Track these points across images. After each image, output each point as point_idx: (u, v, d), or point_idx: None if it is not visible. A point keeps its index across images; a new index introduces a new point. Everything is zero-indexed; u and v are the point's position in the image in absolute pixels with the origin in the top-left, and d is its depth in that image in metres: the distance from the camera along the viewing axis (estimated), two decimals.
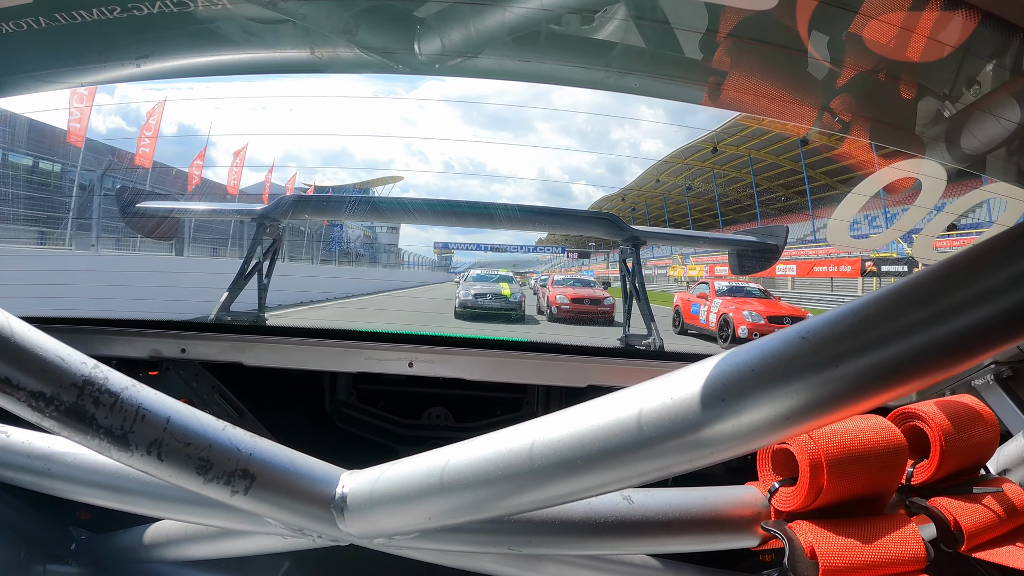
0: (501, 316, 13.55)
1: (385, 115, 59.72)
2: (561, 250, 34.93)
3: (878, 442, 0.96)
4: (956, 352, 0.63)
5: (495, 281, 14.30)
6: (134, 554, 1.36)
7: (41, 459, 1.08)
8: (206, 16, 1.10)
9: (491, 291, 13.72)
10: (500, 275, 14.84)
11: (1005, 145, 1.11)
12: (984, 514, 1.02)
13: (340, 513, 0.91)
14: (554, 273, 16.45)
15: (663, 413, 0.72)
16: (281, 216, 3.24)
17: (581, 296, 14.07)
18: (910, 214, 1.93)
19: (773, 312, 11.80)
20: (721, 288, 13.17)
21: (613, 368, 1.94)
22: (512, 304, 13.66)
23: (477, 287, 13.89)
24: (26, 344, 0.74)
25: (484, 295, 13.60)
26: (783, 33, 1.07)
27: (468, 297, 13.54)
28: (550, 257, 36.12)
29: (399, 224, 22.12)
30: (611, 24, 1.10)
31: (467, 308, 13.38)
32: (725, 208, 34.50)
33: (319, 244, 21.42)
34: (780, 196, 32.21)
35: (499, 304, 13.53)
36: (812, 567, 0.89)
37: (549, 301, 14.29)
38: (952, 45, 0.99)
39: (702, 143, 31.59)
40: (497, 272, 15.25)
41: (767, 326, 11.29)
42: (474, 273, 15.39)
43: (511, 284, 14.20)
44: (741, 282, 13.74)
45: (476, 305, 13.41)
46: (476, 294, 13.59)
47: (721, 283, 13.54)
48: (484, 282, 14.29)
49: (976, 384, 1.46)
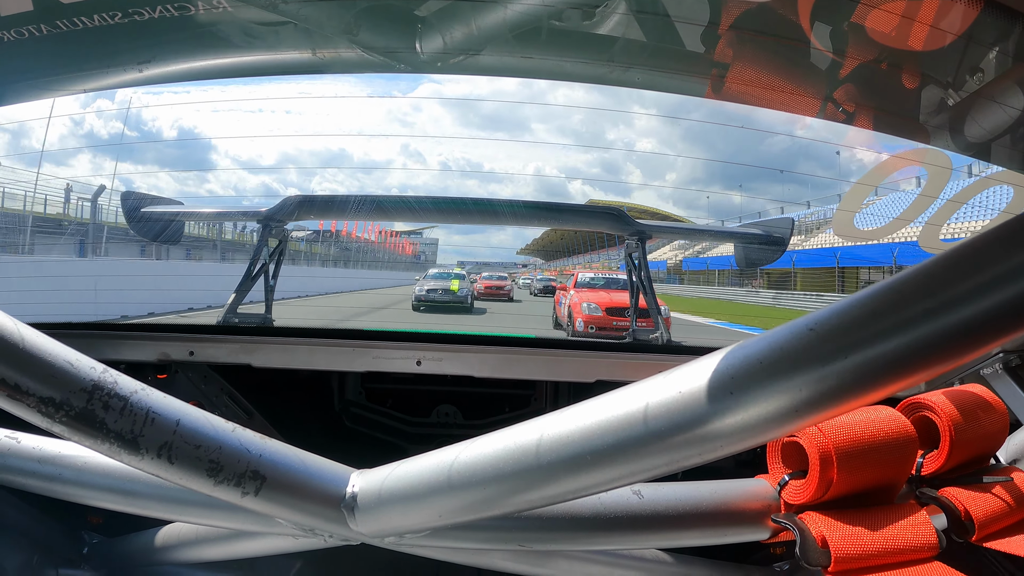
0: (450, 308, 15.38)
1: (385, 117, 59.82)
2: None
3: (888, 433, 0.96)
4: (964, 341, 0.63)
5: (446, 278, 16.07)
6: (146, 557, 1.36)
7: (52, 464, 1.08)
8: (208, 20, 1.10)
9: (441, 287, 15.55)
10: (453, 273, 16.66)
11: (1010, 132, 1.10)
12: (995, 503, 1.02)
13: (351, 512, 0.92)
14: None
15: (671, 407, 0.72)
16: (286, 217, 3.24)
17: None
18: (916, 203, 1.92)
19: (612, 304, 10.89)
20: (582, 280, 12.88)
21: (621, 363, 1.94)
22: (459, 297, 15.46)
23: (430, 284, 15.72)
24: (35, 350, 0.75)
25: (436, 290, 15.44)
26: (785, 24, 1.07)
27: (422, 292, 15.43)
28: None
29: (412, 228, 23.09)
30: (612, 19, 1.10)
31: (420, 301, 15.23)
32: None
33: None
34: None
35: (448, 298, 15.36)
36: (824, 556, 0.88)
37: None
38: (955, 33, 0.99)
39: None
40: (452, 271, 17.13)
41: (604, 318, 10.70)
42: (432, 272, 17.04)
43: (461, 281, 15.95)
44: (615, 275, 13.59)
45: (428, 299, 15.24)
46: (428, 289, 15.45)
47: (585, 275, 13.32)
48: (437, 279, 16.06)
49: (985, 373, 1.45)
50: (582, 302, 11.31)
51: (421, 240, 26.58)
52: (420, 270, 20.98)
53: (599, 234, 36.49)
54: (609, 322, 10.66)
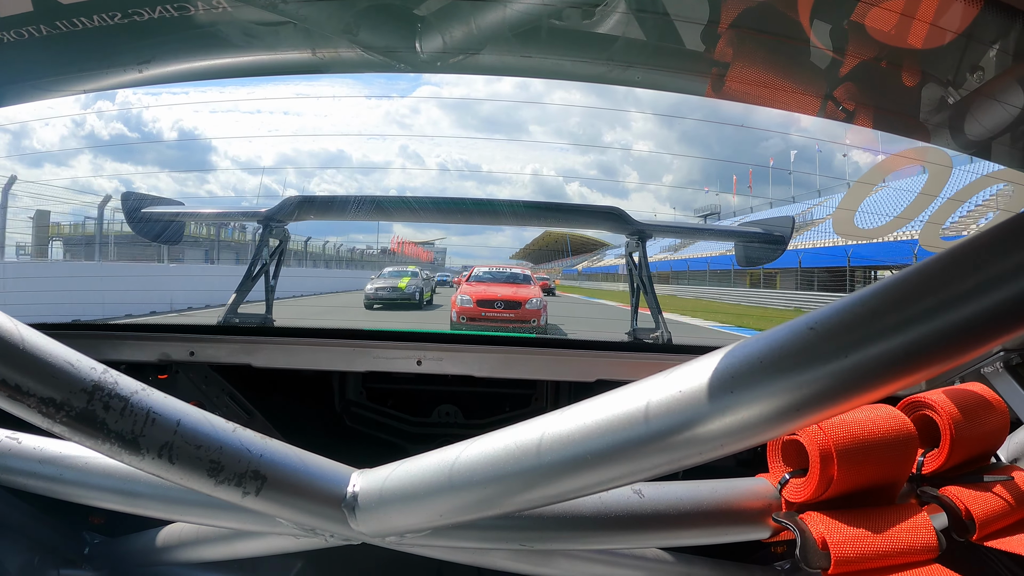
0: (398, 304, 15.78)
1: (384, 118, 59.88)
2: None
3: (888, 432, 0.96)
4: (965, 340, 0.63)
5: (397, 276, 16.47)
6: (147, 557, 1.36)
7: (53, 465, 1.08)
8: (207, 20, 1.10)
9: (390, 285, 15.96)
10: (406, 271, 17.03)
11: (1010, 131, 1.10)
12: (996, 502, 1.02)
13: (352, 512, 0.92)
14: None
15: (672, 406, 0.72)
16: (287, 217, 3.24)
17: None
18: (916, 202, 1.92)
19: (483, 296, 11.44)
20: (475, 275, 13.11)
21: (622, 362, 1.94)
22: (407, 295, 15.86)
23: (380, 282, 16.12)
24: (35, 351, 0.75)
25: (384, 288, 15.85)
26: (785, 22, 1.06)
27: (371, 290, 15.83)
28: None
29: (425, 240, 23.81)
30: (612, 18, 1.10)
31: (370, 299, 15.64)
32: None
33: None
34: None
35: (396, 295, 15.76)
36: (824, 558, 0.88)
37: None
38: (955, 31, 0.99)
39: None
40: (407, 269, 17.37)
41: (473, 309, 11.11)
42: (386, 271, 17.32)
43: (412, 279, 16.30)
44: (515, 270, 13.71)
45: (376, 297, 15.64)
46: (377, 288, 15.87)
47: (480, 269, 13.49)
48: (387, 278, 16.46)
49: (986, 372, 1.45)
50: (459, 295, 11.75)
51: (434, 249, 27.63)
52: (434, 272, 21.36)
53: (579, 240, 37.27)
54: (478, 313, 11.12)
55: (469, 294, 11.54)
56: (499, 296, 11.45)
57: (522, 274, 13.36)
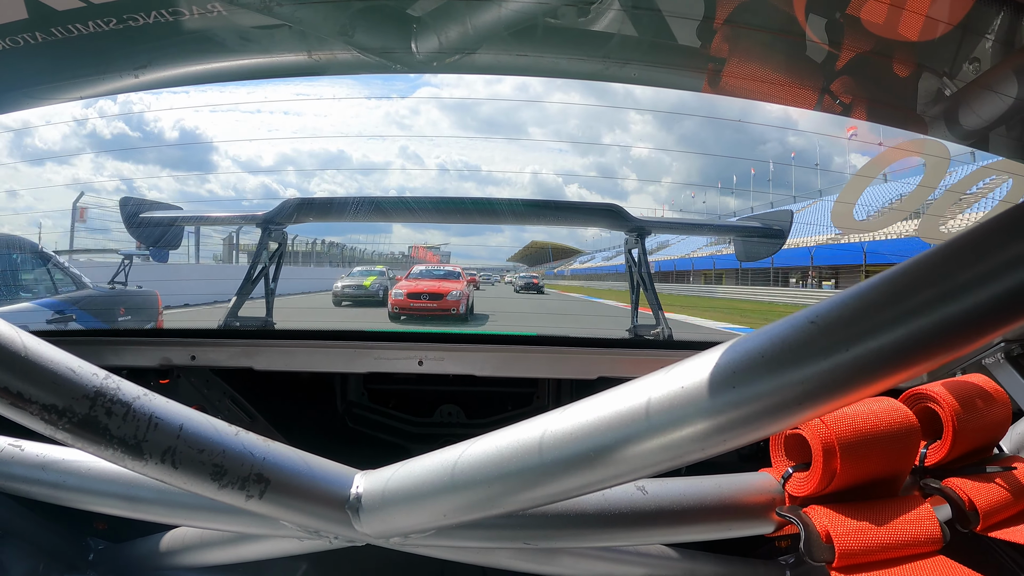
0: (362, 302, 15.72)
1: (383, 119, 59.92)
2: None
3: (890, 424, 0.96)
4: (965, 331, 0.63)
5: (363, 275, 16.59)
6: (151, 562, 1.36)
7: (56, 471, 1.08)
8: (201, 25, 1.10)
9: (355, 283, 16.00)
10: (373, 270, 17.16)
11: (1007, 121, 1.10)
12: (999, 493, 1.02)
13: (355, 513, 0.92)
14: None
15: (674, 402, 0.72)
16: (286, 220, 3.23)
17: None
18: (915, 194, 1.91)
19: (414, 290, 12.15)
20: (413, 272, 13.72)
21: (623, 359, 1.94)
22: (370, 292, 15.74)
23: (347, 280, 16.16)
24: (37, 358, 0.75)
25: (349, 286, 15.88)
26: (781, 17, 1.06)
27: (339, 287, 15.80)
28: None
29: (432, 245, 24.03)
30: (608, 15, 1.10)
31: (337, 296, 15.64)
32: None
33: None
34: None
35: (360, 293, 15.72)
36: (828, 551, 0.88)
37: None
38: (951, 22, 0.99)
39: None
40: (375, 268, 17.62)
41: (404, 300, 11.88)
42: (355, 270, 17.45)
43: (378, 278, 16.30)
44: (450, 268, 14.30)
45: (343, 294, 15.65)
46: (344, 285, 15.85)
47: (418, 267, 14.12)
48: (353, 276, 16.57)
49: (987, 363, 1.45)
50: (394, 289, 12.70)
51: (440, 252, 28.17)
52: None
53: (559, 248, 37.74)
54: (408, 304, 11.97)
55: (403, 288, 12.49)
56: (425, 289, 12.37)
57: (454, 271, 14.00)
